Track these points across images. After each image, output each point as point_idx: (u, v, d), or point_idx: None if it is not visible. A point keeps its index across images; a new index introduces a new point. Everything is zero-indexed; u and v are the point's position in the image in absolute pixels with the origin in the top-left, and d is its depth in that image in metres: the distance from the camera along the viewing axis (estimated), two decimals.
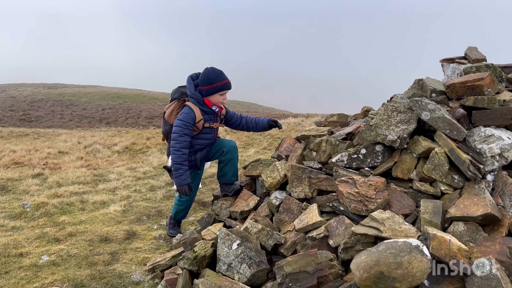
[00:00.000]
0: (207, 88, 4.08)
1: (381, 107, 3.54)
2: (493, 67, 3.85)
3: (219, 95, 4.13)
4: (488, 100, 3.30)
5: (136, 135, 13.47)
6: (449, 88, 3.61)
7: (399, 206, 3.10)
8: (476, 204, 2.78)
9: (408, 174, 3.25)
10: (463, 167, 2.94)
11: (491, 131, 3.15)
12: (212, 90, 4.08)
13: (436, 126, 3.22)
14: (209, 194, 6.12)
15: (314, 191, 3.49)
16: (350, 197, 3.04)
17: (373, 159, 3.44)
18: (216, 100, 4.14)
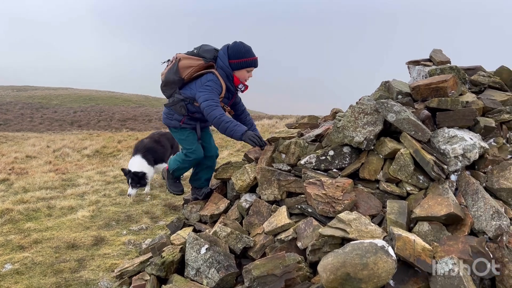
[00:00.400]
0: (237, 62, 3.85)
1: (349, 109, 3.57)
2: (457, 69, 3.95)
3: (246, 72, 3.92)
4: (452, 102, 3.38)
5: (107, 138, 13.25)
6: (414, 90, 3.68)
7: (366, 207, 3.13)
8: (440, 204, 2.84)
9: (375, 175, 3.29)
10: (427, 168, 3.00)
11: (454, 132, 3.22)
12: (241, 64, 3.86)
13: (402, 127, 3.27)
14: (180, 198, 6.05)
15: (284, 193, 3.50)
16: (317, 199, 3.05)
17: (341, 160, 3.46)
18: (242, 77, 3.93)
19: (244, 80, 3.96)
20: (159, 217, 5.31)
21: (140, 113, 48.83)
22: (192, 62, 3.90)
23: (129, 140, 12.46)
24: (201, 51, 3.93)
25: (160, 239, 3.98)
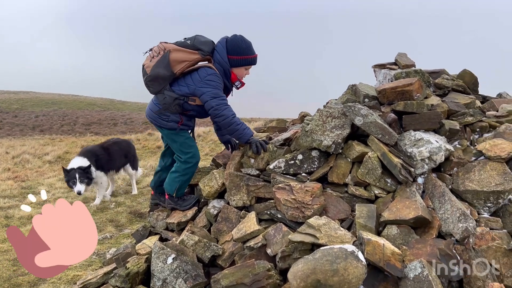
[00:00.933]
0: (236, 58, 3.54)
1: (316, 113, 3.55)
2: (421, 72, 4.00)
3: (244, 69, 3.64)
4: (417, 105, 3.41)
5: (70, 143, 12.81)
6: (380, 94, 3.70)
7: (335, 211, 3.11)
8: (408, 207, 2.85)
9: (343, 178, 3.28)
10: (395, 171, 3.01)
11: (420, 135, 3.25)
12: (241, 61, 3.56)
13: (369, 131, 3.28)
14: (146, 205, 5.89)
15: (253, 198, 3.44)
16: (287, 204, 3.01)
17: (310, 164, 3.44)
18: (240, 74, 3.64)
19: (241, 77, 3.69)
20: (124, 225, 5.13)
21: (105, 117, 47.73)
22: (186, 56, 3.51)
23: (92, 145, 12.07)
24: (196, 42, 3.55)
25: (125, 248, 3.83)
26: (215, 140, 12.01)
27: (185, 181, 3.86)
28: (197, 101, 3.60)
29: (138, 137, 13.36)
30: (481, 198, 2.94)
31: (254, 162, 3.61)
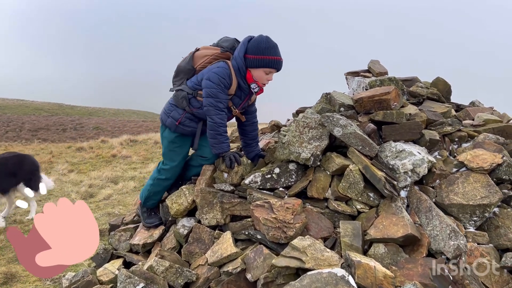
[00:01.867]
0: (254, 58, 3.25)
1: (293, 123, 3.36)
2: (395, 80, 3.91)
3: (263, 72, 3.29)
4: (397, 115, 3.30)
5: None
6: (357, 103, 3.56)
7: (317, 228, 2.92)
8: (395, 224, 2.70)
9: (323, 193, 3.10)
10: (379, 185, 2.85)
11: (401, 146, 3.13)
12: (258, 62, 3.25)
13: (349, 142, 3.12)
14: (104, 221, 5.46)
15: (227, 216, 3.18)
16: (267, 224, 2.78)
17: (287, 178, 3.23)
18: (259, 78, 3.31)
19: (262, 83, 3.36)
20: None
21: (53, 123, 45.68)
22: (208, 51, 3.47)
23: (42, 154, 11.30)
24: (220, 41, 3.52)
25: (84, 274, 3.47)
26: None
27: (154, 193, 3.64)
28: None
29: (91, 144, 12.69)
30: (467, 212, 2.85)
31: (227, 177, 3.36)
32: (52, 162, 10.06)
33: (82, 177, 8.46)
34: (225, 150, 3.35)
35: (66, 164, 9.74)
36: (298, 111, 4.96)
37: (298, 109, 4.99)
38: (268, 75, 3.32)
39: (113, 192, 6.84)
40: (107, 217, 5.54)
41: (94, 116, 53.32)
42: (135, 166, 9.37)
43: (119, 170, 8.88)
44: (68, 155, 11.12)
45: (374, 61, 4.26)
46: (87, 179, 8.09)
